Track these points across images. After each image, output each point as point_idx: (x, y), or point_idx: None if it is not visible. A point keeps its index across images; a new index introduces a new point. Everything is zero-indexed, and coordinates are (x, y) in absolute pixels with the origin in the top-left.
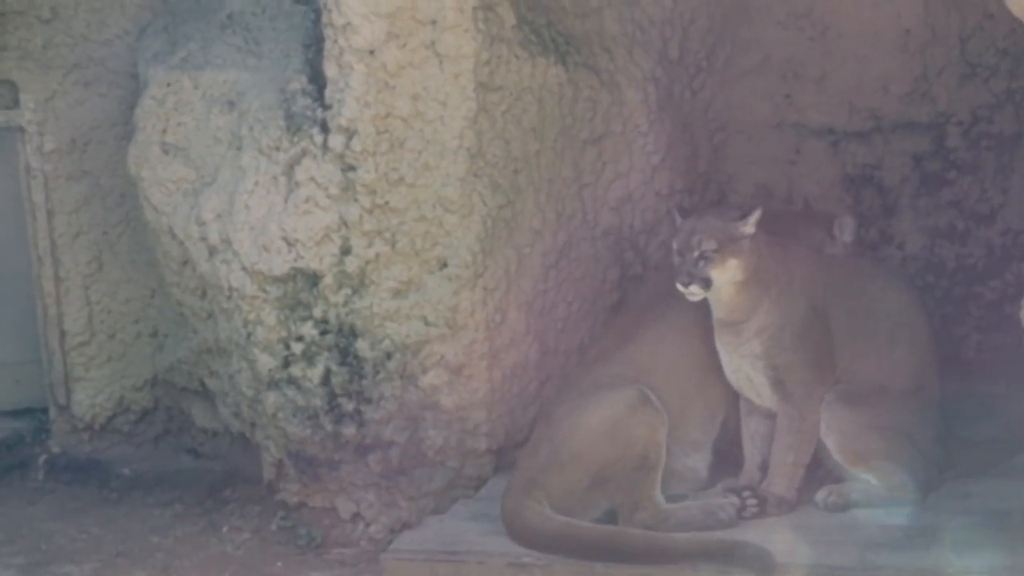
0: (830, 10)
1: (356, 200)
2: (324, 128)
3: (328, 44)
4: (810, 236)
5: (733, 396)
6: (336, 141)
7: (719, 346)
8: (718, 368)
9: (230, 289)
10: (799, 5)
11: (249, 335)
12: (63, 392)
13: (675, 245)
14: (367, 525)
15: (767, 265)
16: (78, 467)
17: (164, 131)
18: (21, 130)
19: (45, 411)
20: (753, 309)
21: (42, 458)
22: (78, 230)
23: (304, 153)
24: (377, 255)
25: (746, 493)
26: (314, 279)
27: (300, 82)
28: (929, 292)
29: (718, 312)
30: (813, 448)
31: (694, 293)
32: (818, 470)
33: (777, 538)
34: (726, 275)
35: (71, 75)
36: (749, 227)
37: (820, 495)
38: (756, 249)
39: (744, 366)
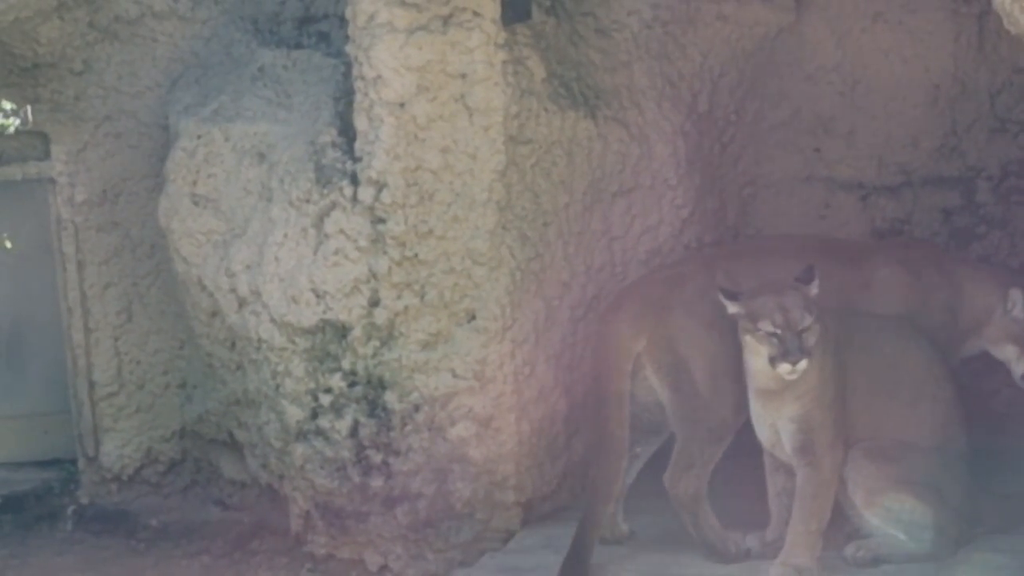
0: (859, 65)
1: (385, 252)
2: (354, 180)
3: (358, 97)
4: (983, 302)
5: None
6: (366, 193)
7: (755, 408)
8: None
9: (259, 340)
10: (828, 59)
11: (278, 387)
12: (92, 443)
13: (770, 327)
14: None
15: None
16: (106, 518)
17: (194, 183)
18: (52, 181)
19: (74, 462)
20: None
21: (70, 509)
22: (108, 281)
23: (334, 205)
24: (406, 307)
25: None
26: (343, 331)
27: (330, 134)
28: None
29: (762, 382)
30: (831, 511)
31: (794, 370)
32: (845, 525)
33: None
34: (815, 344)
35: (102, 127)
36: (815, 289)
37: (849, 550)
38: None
39: (779, 428)
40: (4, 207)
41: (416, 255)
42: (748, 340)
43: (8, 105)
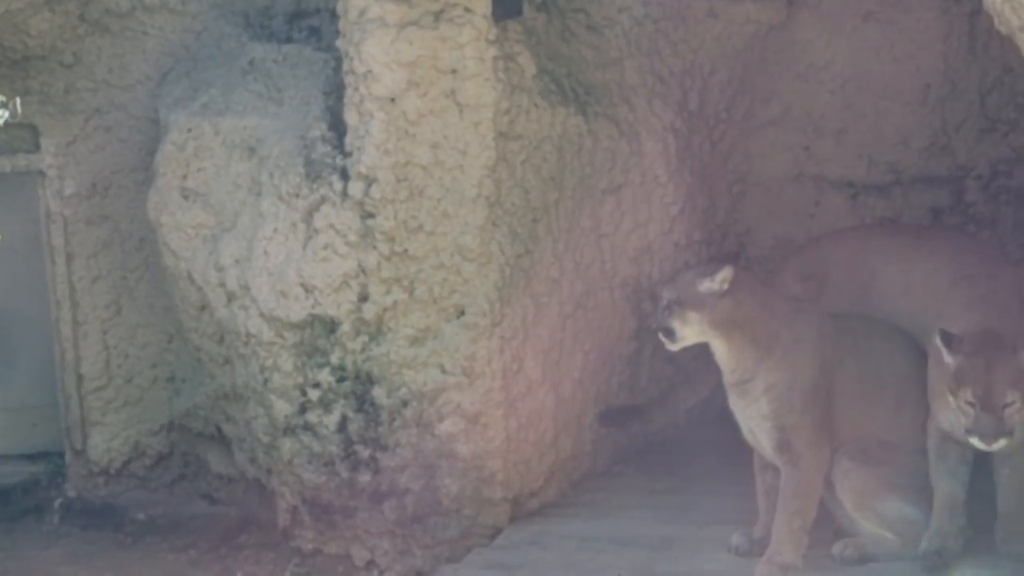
0: (850, 63)
1: (375, 247)
2: (344, 175)
3: (349, 92)
4: None
5: None
6: (355, 188)
7: (732, 408)
8: None
9: (247, 335)
10: (819, 58)
11: (266, 381)
12: (79, 436)
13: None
14: (381, 573)
15: (764, 324)
16: (93, 511)
17: (184, 176)
18: (41, 174)
19: (61, 455)
20: (755, 368)
21: (58, 502)
22: (97, 274)
23: (323, 200)
24: (395, 302)
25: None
26: (331, 326)
27: (320, 129)
28: None
29: (725, 373)
30: (816, 510)
31: (664, 343)
32: (833, 523)
33: None
34: (688, 328)
35: (92, 120)
36: (716, 284)
37: (836, 548)
38: (736, 307)
39: (753, 427)
40: None
41: (405, 250)
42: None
43: None
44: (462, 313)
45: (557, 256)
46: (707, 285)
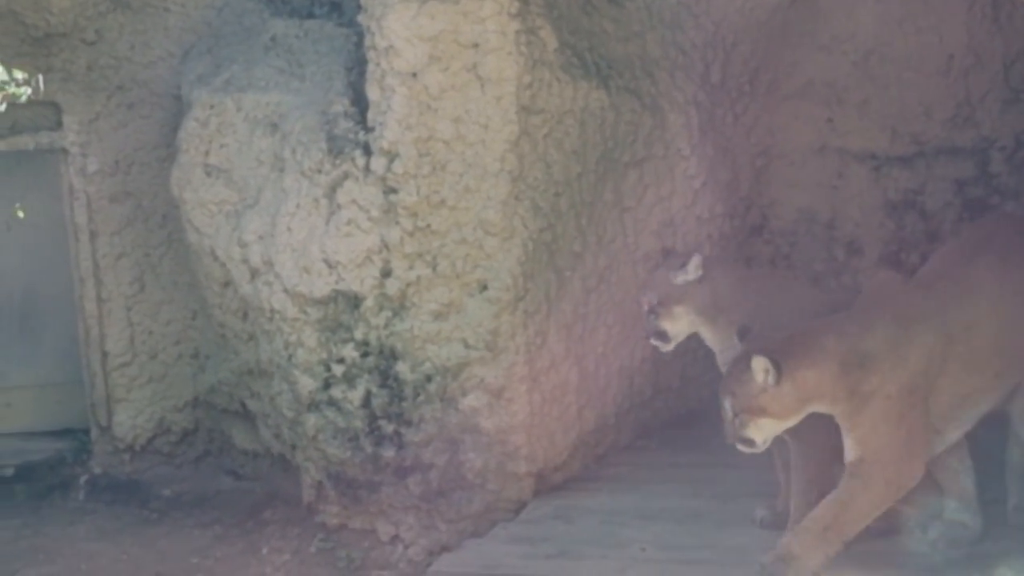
0: (873, 35)
1: (397, 222)
2: (366, 151)
3: (371, 67)
4: None
5: None
6: (378, 164)
7: None
8: None
9: (271, 311)
10: (842, 30)
11: (290, 357)
12: (104, 413)
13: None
14: (406, 547)
15: (737, 301)
16: (119, 487)
17: (207, 153)
18: (64, 151)
19: (86, 432)
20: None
21: (83, 478)
22: (120, 251)
23: (346, 175)
24: (418, 277)
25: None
26: (355, 301)
27: (342, 105)
28: None
29: (717, 355)
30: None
31: (659, 347)
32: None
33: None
34: (678, 324)
35: (115, 97)
36: (690, 274)
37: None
38: (714, 290)
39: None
40: (16, 177)
41: (428, 225)
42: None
43: (20, 75)
44: (485, 288)
45: (580, 230)
46: (683, 277)
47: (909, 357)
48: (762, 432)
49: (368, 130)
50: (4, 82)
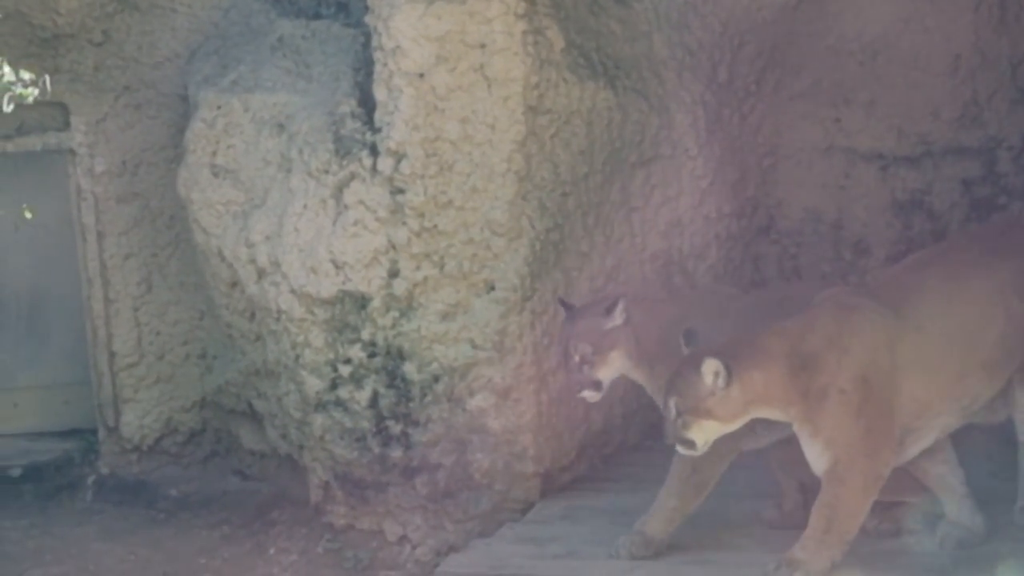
0: (880, 35)
1: (404, 223)
2: (373, 151)
3: (378, 67)
4: None
5: None
6: (385, 164)
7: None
8: None
9: (278, 311)
10: (849, 30)
11: (297, 357)
12: (112, 413)
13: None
14: (414, 548)
15: (662, 336)
16: (126, 488)
17: (214, 153)
18: (72, 152)
19: (94, 432)
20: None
21: (91, 479)
22: (128, 252)
23: (353, 176)
24: (425, 278)
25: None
26: (362, 302)
27: (349, 105)
28: None
29: (657, 398)
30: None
31: (589, 398)
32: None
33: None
34: (612, 369)
35: (122, 98)
36: (616, 318)
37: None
38: (636, 331)
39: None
40: (24, 178)
41: (435, 226)
42: None
43: (28, 75)
44: (492, 288)
45: (587, 230)
46: (611, 323)
47: (852, 347)
48: (704, 434)
49: (375, 130)
50: (11, 83)
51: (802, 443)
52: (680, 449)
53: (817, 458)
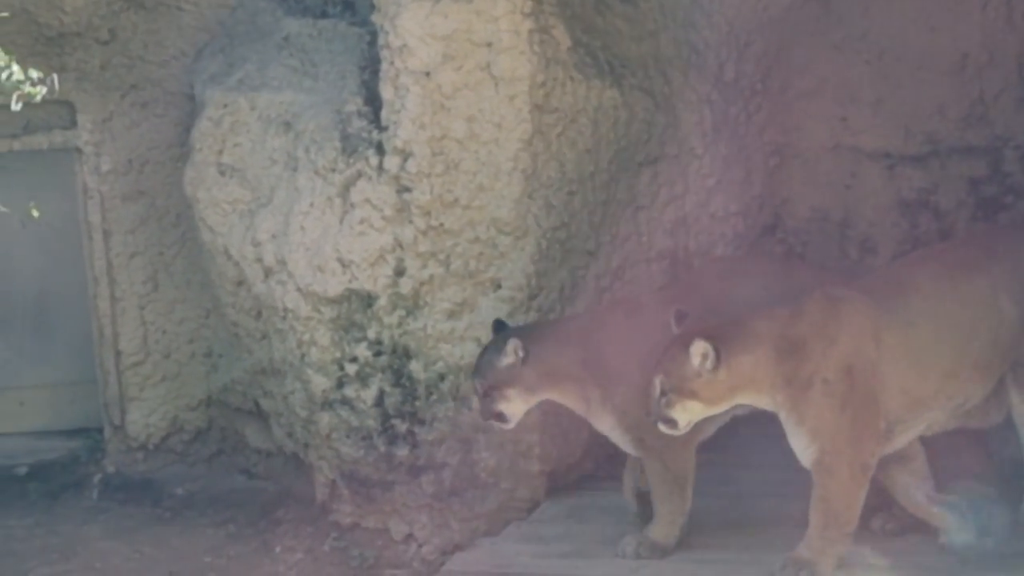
0: (886, 33)
1: (411, 221)
2: (380, 150)
3: (384, 66)
4: None
5: None
6: (391, 163)
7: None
8: None
9: (285, 310)
10: (855, 28)
11: (303, 356)
12: (118, 412)
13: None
14: (420, 546)
15: (572, 362)
16: (132, 486)
17: (220, 152)
18: (78, 151)
19: (100, 431)
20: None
21: (97, 477)
22: (134, 250)
23: (359, 174)
24: (431, 276)
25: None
26: (368, 300)
27: (356, 104)
28: None
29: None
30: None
31: (500, 427)
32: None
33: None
34: (514, 404)
35: (128, 96)
36: (508, 356)
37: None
38: (539, 363)
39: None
40: (30, 176)
41: (441, 224)
42: None
43: (34, 74)
44: (499, 287)
45: (593, 229)
46: (506, 361)
47: (838, 338)
48: (687, 414)
49: (382, 129)
50: (19, 81)
51: (788, 434)
52: (662, 427)
53: (804, 450)
